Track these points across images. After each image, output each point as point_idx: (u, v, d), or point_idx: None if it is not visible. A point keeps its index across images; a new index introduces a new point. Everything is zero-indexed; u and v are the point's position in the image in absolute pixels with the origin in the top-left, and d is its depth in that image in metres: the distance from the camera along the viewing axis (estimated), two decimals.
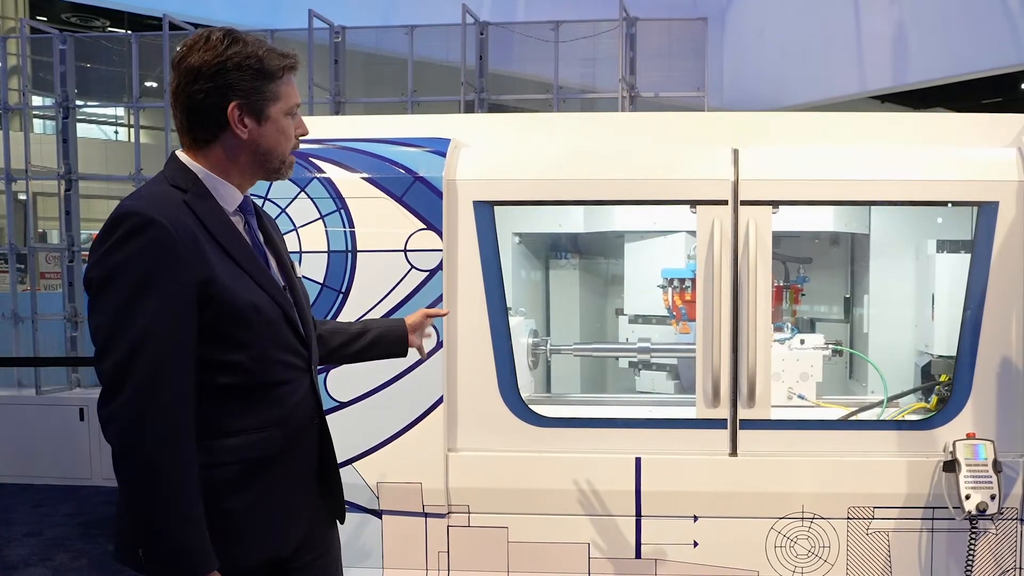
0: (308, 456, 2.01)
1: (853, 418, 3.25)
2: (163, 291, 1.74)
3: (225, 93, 1.85)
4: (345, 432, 3.03)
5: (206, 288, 1.78)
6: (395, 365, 3.04)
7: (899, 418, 3.21)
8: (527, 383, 3.75)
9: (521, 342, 3.70)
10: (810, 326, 4.03)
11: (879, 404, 3.30)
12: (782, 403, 3.45)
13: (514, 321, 3.61)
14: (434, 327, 2.98)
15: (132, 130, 8.95)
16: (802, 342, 3.51)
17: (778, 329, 3.60)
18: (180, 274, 1.75)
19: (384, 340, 2.40)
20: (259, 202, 3.00)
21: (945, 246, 3.39)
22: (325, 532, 2.11)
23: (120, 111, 16.29)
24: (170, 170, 1.90)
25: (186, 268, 1.76)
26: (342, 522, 2.16)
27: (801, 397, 3.45)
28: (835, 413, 3.30)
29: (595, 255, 4.46)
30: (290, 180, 3.06)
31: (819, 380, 3.48)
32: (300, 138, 2.00)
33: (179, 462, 1.74)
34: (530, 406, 3.17)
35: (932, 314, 3.43)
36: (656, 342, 3.87)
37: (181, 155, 1.92)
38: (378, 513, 3.10)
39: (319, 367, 2.34)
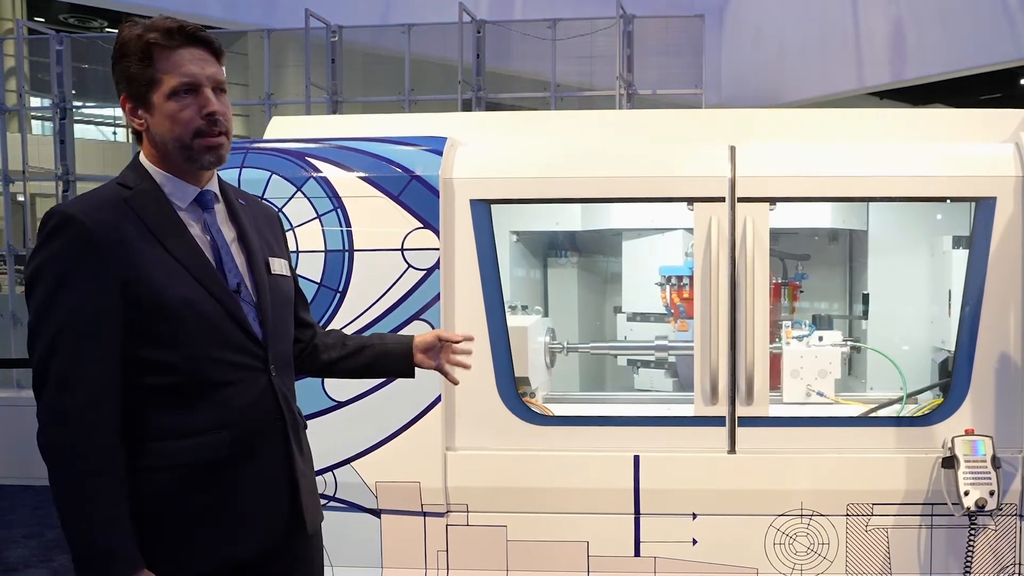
0: (271, 459, 1.90)
1: (849, 414, 3.25)
2: (78, 290, 1.72)
3: (118, 87, 1.82)
4: (343, 431, 3.05)
5: (131, 287, 1.74)
6: None
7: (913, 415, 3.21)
8: (544, 382, 3.74)
9: (539, 341, 3.69)
10: (828, 323, 4.03)
11: (899, 401, 3.30)
12: (800, 400, 3.45)
13: (530, 320, 3.61)
14: (431, 325, 2.99)
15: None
16: (820, 339, 3.51)
17: (796, 326, 3.60)
18: (97, 272, 1.72)
19: (386, 359, 2.26)
20: None
21: (961, 242, 3.38)
22: (298, 541, 1.98)
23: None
24: (126, 169, 1.88)
25: (104, 266, 1.72)
26: (308, 531, 1.99)
27: (820, 394, 3.45)
28: (854, 410, 3.29)
29: (593, 253, 4.46)
30: (286, 179, 3.09)
31: (837, 377, 3.48)
32: (209, 116, 1.81)
33: (93, 463, 1.70)
34: (543, 406, 3.16)
35: (949, 310, 3.42)
36: (672, 340, 3.85)
37: (140, 153, 1.90)
38: (377, 512, 3.09)
39: (318, 376, 2.28)
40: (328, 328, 2.39)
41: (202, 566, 1.82)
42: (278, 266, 2.02)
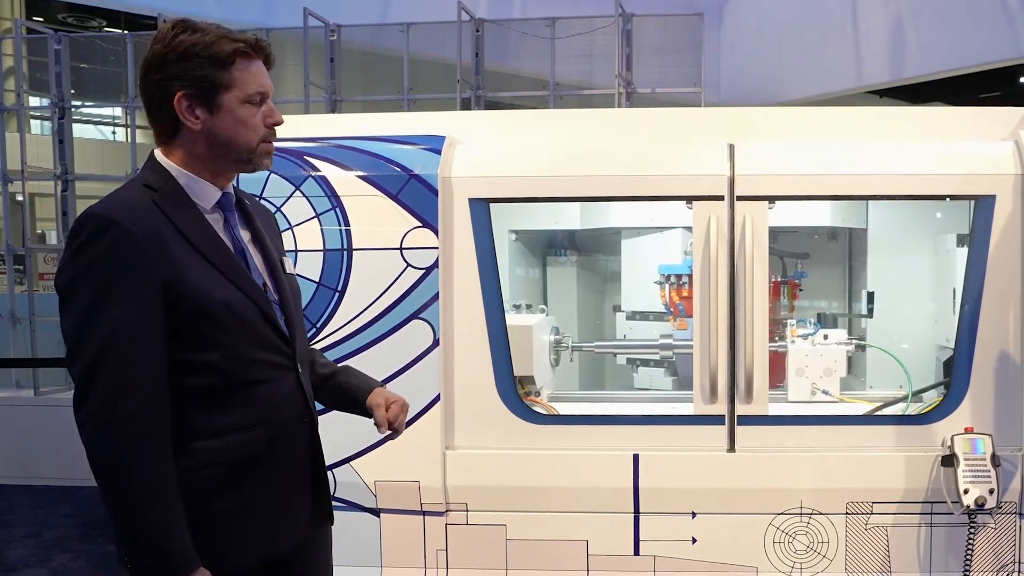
0: (300, 454, 1.98)
1: (849, 413, 3.25)
2: (125, 293, 1.72)
3: (171, 84, 1.81)
4: (342, 430, 3.01)
5: (173, 288, 1.75)
6: (392, 363, 3.04)
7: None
8: (549, 381, 3.74)
9: (543, 339, 3.69)
10: (833, 321, 4.03)
11: (904, 399, 3.30)
12: (806, 399, 3.45)
13: (535, 319, 3.61)
14: (430, 324, 3.01)
15: (128, 130, 8.94)
16: (825, 337, 3.51)
17: (801, 324, 3.60)
18: (143, 275, 1.73)
19: (346, 405, 2.20)
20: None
21: (965, 240, 3.38)
22: (321, 531, 2.10)
23: (117, 111, 16.28)
24: (145, 170, 1.88)
25: (149, 269, 1.73)
26: (332, 522, 2.13)
27: (825, 393, 3.45)
28: (858, 409, 3.29)
29: (592, 252, 4.46)
30: (285, 178, 3.09)
31: (843, 375, 3.48)
32: (273, 127, 1.91)
33: (150, 465, 1.72)
34: (549, 404, 3.15)
35: (953, 309, 3.42)
36: (677, 338, 3.85)
37: (157, 153, 1.90)
38: (376, 512, 3.09)
39: None
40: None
41: (242, 560, 1.86)
42: (289, 265, 2.07)
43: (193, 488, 1.79)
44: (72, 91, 7.20)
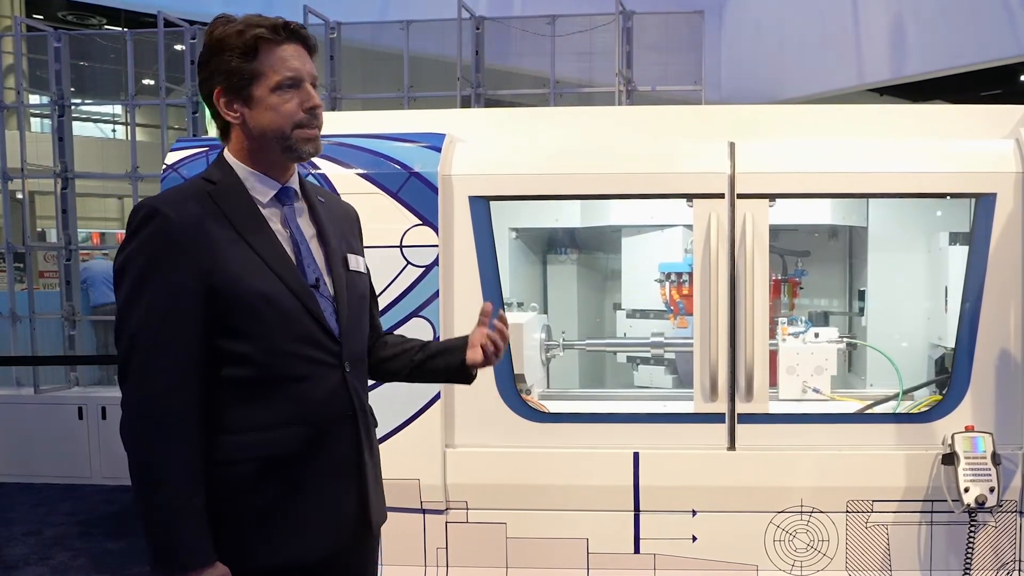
0: (342, 456, 1.89)
1: (849, 411, 3.25)
2: (160, 282, 1.75)
3: (211, 80, 1.84)
4: None
5: (210, 277, 1.76)
6: None
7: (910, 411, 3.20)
8: (540, 379, 3.74)
9: (534, 338, 3.69)
10: (823, 319, 4.03)
11: (895, 397, 3.30)
12: (796, 397, 3.45)
13: (526, 317, 3.61)
14: (430, 322, 3.00)
15: (128, 128, 8.94)
16: (816, 336, 3.51)
17: (792, 323, 3.60)
18: (179, 264, 1.75)
19: (441, 357, 2.11)
20: None
21: (958, 239, 3.38)
22: (364, 539, 1.99)
23: (117, 109, 16.27)
24: (211, 166, 1.92)
25: (186, 258, 1.75)
26: (374, 531, 1.99)
27: (816, 391, 3.44)
28: (850, 407, 3.29)
29: (592, 250, 4.45)
30: None
31: (834, 373, 3.48)
32: (311, 110, 1.86)
33: (168, 452, 1.72)
34: (539, 402, 3.15)
35: (945, 307, 3.42)
36: (669, 336, 3.85)
37: (224, 151, 1.93)
38: None
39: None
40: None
41: (269, 562, 1.82)
42: (356, 263, 2.03)
43: (222, 483, 1.77)
44: (72, 89, 7.19)
